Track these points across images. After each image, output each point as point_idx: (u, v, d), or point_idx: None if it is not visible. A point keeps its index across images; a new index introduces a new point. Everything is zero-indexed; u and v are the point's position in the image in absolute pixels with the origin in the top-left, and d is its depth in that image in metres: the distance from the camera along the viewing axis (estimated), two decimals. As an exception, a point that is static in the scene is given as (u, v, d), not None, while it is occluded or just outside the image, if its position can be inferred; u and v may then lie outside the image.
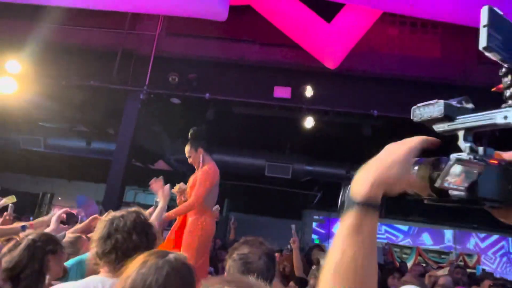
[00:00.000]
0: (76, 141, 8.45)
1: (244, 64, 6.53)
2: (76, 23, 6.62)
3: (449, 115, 0.71)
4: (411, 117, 0.77)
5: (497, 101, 0.68)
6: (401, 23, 6.68)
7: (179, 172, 8.07)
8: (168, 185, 3.04)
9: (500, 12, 0.65)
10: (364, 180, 0.70)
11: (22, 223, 2.77)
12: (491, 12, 0.64)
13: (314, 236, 13.26)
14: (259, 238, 1.71)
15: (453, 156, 0.67)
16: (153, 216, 2.70)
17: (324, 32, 5.81)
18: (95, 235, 1.65)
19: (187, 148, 3.80)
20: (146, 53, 6.43)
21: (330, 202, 12.80)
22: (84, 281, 1.59)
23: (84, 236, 2.86)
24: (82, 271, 2.08)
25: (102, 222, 1.66)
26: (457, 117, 0.71)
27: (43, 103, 7.00)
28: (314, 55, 6.05)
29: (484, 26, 0.63)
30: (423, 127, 0.79)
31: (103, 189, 6.38)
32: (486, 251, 13.12)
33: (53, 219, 2.52)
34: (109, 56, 6.40)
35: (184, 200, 3.70)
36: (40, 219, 2.87)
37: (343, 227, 0.67)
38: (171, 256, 1.31)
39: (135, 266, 1.27)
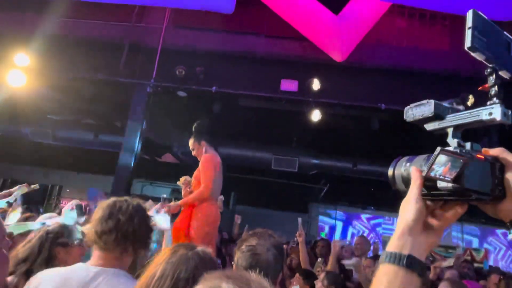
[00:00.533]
0: (84, 134, 8.52)
1: (251, 57, 6.51)
2: (83, 16, 6.64)
3: (439, 114, 0.75)
4: (404, 118, 0.81)
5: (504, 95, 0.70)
6: (410, 15, 6.60)
7: (186, 165, 8.11)
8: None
9: (484, 16, 0.70)
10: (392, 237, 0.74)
11: (32, 215, 2.81)
12: (475, 15, 0.69)
13: (322, 234, 13.26)
14: (268, 230, 1.71)
15: (439, 147, 0.69)
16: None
17: (331, 24, 5.76)
18: (96, 214, 1.64)
19: (191, 141, 3.86)
20: (153, 46, 6.43)
21: (336, 196, 12.80)
22: (70, 267, 1.59)
23: None
24: None
25: (104, 203, 1.67)
26: (447, 116, 0.75)
27: (51, 96, 7.06)
28: (322, 47, 6.01)
29: (469, 28, 0.69)
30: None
31: (111, 181, 6.44)
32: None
33: (65, 210, 2.54)
34: (116, 49, 6.42)
35: (190, 192, 3.74)
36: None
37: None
38: (199, 249, 1.35)
39: (164, 256, 1.30)
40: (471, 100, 0.75)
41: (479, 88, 0.75)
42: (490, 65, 0.71)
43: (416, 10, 6.42)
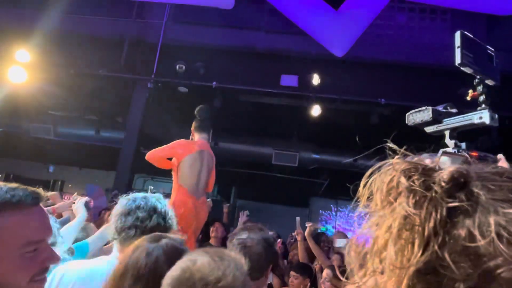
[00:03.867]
0: (85, 129, 8.55)
1: (251, 52, 6.52)
2: (83, 12, 6.64)
3: (436, 119, 0.85)
4: (406, 122, 0.91)
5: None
6: (410, 9, 6.60)
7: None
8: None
9: (470, 35, 0.82)
10: None
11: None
12: (463, 35, 0.81)
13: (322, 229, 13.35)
14: (259, 224, 1.77)
15: (441, 150, 0.78)
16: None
17: (331, 19, 5.76)
18: (116, 210, 1.65)
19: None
20: (153, 41, 6.44)
21: (337, 190, 12.83)
22: (93, 260, 1.62)
23: (92, 224, 2.98)
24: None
25: (124, 199, 1.68)
26: (444, 120, 0.85)
27: (53, 92, 7.08)
28: (322, 42, 6.01)
29: (458, 47, 0.80)
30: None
31: (112, 176, 6.49)
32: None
33: (78, 209, 2.50)
34: (117, 45, 6.43)
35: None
36: (62, 203, 2.92)
37: None
38: (164, 241, 1.31)
39: (129, 250, 1.29)
40: (470, 94, 0.82)
41: (468, 97, 0.85)
42: (478, 77, 0.82)
43: (416, 4, 6.42)
